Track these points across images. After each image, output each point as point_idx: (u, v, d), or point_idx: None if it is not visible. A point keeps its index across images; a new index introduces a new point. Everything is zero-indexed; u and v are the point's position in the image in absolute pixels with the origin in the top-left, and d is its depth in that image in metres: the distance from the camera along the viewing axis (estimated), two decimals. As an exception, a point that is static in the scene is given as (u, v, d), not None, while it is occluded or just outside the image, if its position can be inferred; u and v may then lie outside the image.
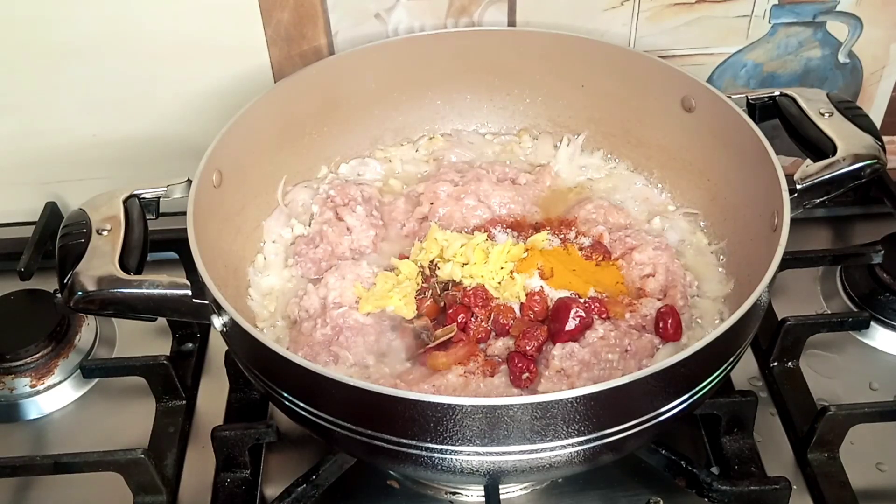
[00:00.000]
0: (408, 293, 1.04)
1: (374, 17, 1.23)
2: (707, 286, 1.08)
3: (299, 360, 0.81)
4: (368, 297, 1.04)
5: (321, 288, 1.06)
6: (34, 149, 1.30)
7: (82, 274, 0.89)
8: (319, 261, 1.11)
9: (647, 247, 1.08)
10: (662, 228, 1.15)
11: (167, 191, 1.02)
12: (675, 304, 1.03)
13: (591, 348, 0.96)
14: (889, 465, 1.04)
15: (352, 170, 1.25)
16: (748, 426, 1.05)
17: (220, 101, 1.25)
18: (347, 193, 1.17)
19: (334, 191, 1.18)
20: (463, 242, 1.08)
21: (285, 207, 1.18)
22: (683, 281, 1.06)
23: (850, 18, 1.26)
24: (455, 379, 0.96)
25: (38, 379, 1.16)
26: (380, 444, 0.83)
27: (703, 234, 1.14)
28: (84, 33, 1.19)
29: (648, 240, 1.09)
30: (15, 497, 1.06)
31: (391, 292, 1.04)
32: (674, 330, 1.00)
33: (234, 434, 1.02)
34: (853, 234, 1.35)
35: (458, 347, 0.99)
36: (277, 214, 1.17)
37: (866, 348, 1.18)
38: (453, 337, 0.99)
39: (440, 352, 0.98)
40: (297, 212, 1.18)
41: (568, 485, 1.03)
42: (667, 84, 1.14)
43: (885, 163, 1.01)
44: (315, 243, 1.13)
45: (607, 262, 1.09)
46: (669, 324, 1.00)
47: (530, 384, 0.96)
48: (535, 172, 1.23)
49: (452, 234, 1.10)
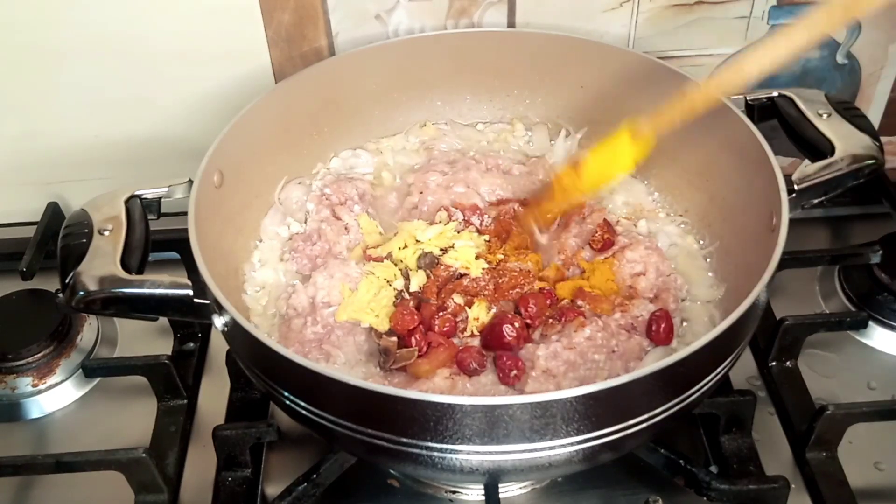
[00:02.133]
0: (385, 304, 1.04)
1: (374, 19, 1.23)
2: (697, 290, 1.08)
3: (300, 360, 0.81)
4: (346, 306, 1.03)
5: (310, 286, 1.06)
6: (36, 149, 1.31)
7: (84, 274, 0.89)
8: (315, 257, 1.12)
9: (640, 245, 1.08)
10: (650, 231, 1.15)
11: (168, 191, 1.02)
12: (667, 307, 1.03)
13: (577, 349, 0.97)
14: (887, 464, 1.05)
15: (343, 162, 1.25)
16: (747, 425, 1.05)
17: (222, 102, 1.25)
18: (343, 192, 1.16)
19: (329, 189, 1.17)
20: (437, 231, 1.09)
21: (280, 205, 1.17)
22: (675, 284, 1.06)
23: (848, 20, 1.26)
24: (441, 382, 0.96)
25: (40, 378, 1.16)
26: (380, 443, 0.83)
27: (693, 237, 1.14)
28: (86, 34, 1.20)
29: (640, 239, 1.10)
30: (17, 496, 1.06)
31: (370, 304, 1.03)
32: (665, 334, 1.01)
33: (236, 433, 1.03)
34: (851, 234, 1.35)
35: (440, 352, 0.98)
36: (273, 213, 1.17)
37: (864, 348, 1.18)
38: (433, 342, 0.99)
39: (422, 359, 0.98)
40: (292, 209, 1.18)
41: (567, 484, 1.03)
42: (665, 85, 1.14)
43: (884, 163, 1.01)
44: (312, 240, 1.13)
45: (604, 257, 1.09)
46: (662, 328, 1.00)
47: (518, 381, 0.96)
48: (530, 164, 1.23)
49: (419, 223, 1.11)
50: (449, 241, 1.09)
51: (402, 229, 1.11)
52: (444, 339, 1.00)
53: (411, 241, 1.09)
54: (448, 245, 1.08)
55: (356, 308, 1.03)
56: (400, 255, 1.08)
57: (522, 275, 1.05)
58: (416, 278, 1.05)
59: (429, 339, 0.99)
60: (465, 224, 1.13)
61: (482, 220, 1.14)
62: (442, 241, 1.09)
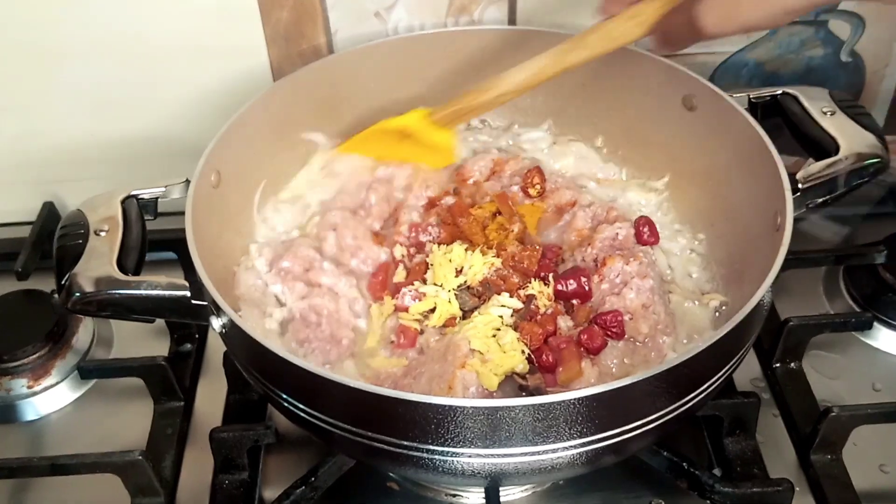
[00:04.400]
0: (508, 342, 0.94)
1: (373, 16, 1.23)
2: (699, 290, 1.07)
3: (298, 362, 0.80)
4: (487, 372, 0.91)
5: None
6: (32, 149, 1.30)
7: (80, 275, 0.89)
8: (336, 339, 1.01)
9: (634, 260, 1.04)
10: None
11: (165, 191, 1.01)
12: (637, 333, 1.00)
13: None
14: (892, 467, 1.04)
15: (270, 232, 1.13)
16: (750, 427, 1.05)
17: (219, 101, 1.25)
18: (301, 256, 1.06)
19: (287, 262, 1.05)
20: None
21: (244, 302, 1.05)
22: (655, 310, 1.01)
23: (852, 17, 1.26)
24: (592, 373, 0.95)
25: (35, 380, 1.15)
26: (379, 445, 0.82)
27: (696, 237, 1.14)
28: (82, 34, 1.19)
29: (638, 254, 1.05)
30: (12, 499, 1.05)
31: (506, 352, 0.93)
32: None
33: (233, 435, 1.02)
34: (856, 234, 1.34)
35: (571, 352, 0.95)
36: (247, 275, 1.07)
37: (869, 349, 1.18)
38: (555, 346, 0.96)
39: (563, 369, 0.94)
40: (256, 299, 1.05)
41: (569, 487, 1.03)
42: (668, 83, 1.14)
43: (888, 161, 1.01)
44: (314, 323, 1.02)
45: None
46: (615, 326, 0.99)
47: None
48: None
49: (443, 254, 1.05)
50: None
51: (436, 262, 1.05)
52: (558, 338, 0.97)
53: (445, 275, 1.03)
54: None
55: (503, 362, 0.93)
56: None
57: (526, 248, 1.05)
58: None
59: (550, 348, 0.97)
60: (416, 245, 1.08)
61: (431, 235, 1.09)
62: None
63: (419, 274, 1.04)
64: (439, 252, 1.05)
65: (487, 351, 0.93)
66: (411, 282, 1.04)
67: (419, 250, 1.09)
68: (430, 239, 1.09)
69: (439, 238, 1.09)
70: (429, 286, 1.02)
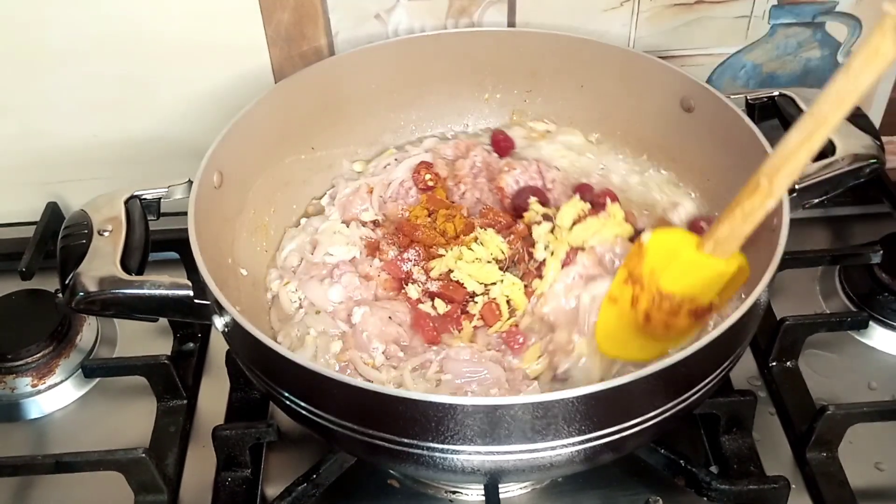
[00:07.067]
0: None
1: (374, 18, 1.23)
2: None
3: (300, 360, 0.81)
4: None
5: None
6: (35, 149, 1.31)
7: (84, 275, 0.89)
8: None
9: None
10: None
11: (168, 191, 1.02)
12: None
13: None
14: (888, 465, 1.05)
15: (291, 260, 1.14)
16: (747, 425, 1.05)
17: (221, 102, 1.25)
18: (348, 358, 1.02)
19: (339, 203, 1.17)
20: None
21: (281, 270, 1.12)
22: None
23: (849, 19, 1.26)
24: None
25: (40, 378, 1.16)
26: (380, 443, 0.83)
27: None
28: (85, 34, 1.19)
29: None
30: (16, 496, 1.06)
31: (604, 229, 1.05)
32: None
33: (235, 433, 1.03)
34: (852, 234, 1.35)
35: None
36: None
37: (865, 348, 1.18)
38: None
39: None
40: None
41: (567, 484, 1.03)
42: (666, 84, 1.14)
43: (884, 162, 1.02)
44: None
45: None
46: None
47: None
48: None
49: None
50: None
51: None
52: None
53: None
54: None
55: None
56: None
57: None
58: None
59: None
60: (407, 276, 1.07)
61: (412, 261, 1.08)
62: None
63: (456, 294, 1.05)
64: (467, 268, 1.05)
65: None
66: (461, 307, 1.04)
67: (412, 280, 1.07)
68: (412, 264, 1.08)
69: (419, 259, 1.08)
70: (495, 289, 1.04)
